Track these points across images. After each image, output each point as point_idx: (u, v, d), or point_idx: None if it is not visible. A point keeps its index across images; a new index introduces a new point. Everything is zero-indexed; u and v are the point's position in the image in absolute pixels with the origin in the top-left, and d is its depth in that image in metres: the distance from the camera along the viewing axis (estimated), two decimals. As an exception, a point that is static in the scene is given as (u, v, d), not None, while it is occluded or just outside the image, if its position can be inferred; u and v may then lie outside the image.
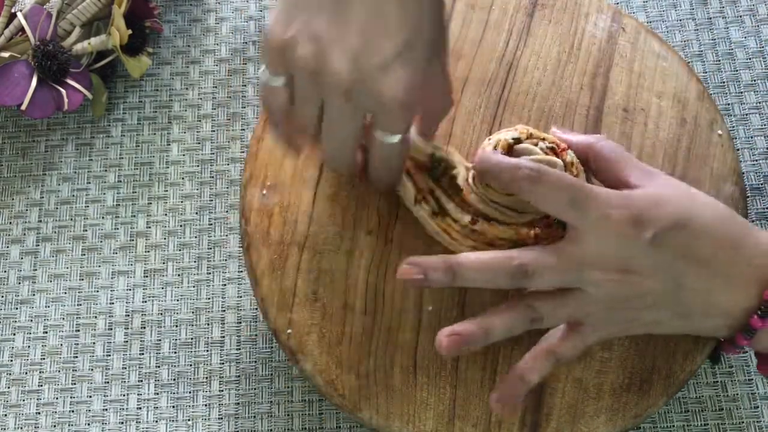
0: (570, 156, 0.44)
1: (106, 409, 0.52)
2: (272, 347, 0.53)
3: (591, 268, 0.40)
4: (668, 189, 0.42)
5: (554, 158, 0.44)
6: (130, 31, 0.57)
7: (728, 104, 0.60)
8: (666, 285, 0.40)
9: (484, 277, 0.40)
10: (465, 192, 0.44)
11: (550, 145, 0.45)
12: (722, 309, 0.41)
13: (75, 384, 0.53)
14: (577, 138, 0.46)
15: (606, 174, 0.44)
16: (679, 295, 0.41)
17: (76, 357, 0.53)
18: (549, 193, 0.40)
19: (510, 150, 0.45)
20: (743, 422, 0.51)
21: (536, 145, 0.45)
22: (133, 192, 0.58)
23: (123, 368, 0.53)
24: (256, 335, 0.54)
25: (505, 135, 0.45)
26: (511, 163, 0.41)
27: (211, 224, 0.57)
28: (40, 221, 0.57)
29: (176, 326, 0.54)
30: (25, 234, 0.57)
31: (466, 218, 0.44)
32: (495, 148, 0.44)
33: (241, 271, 0.55)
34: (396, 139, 0.41)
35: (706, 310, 0.41)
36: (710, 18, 0.63)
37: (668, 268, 0.40)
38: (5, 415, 0.52)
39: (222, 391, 0.52)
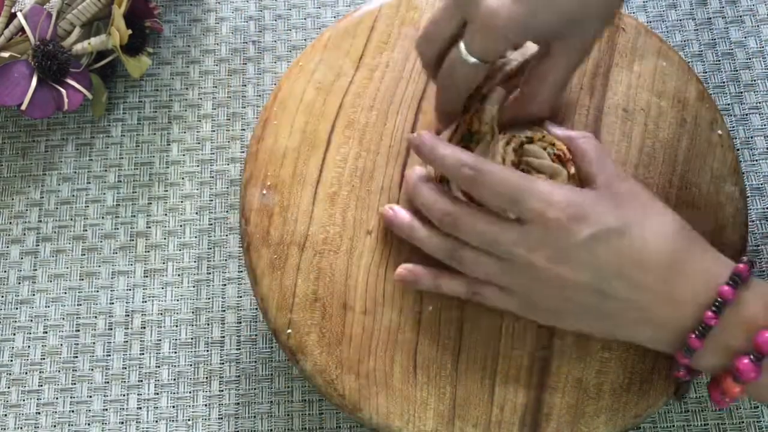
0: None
1: (106, 409, 0.52)
2: (272, 347, 0.53)
3: (520, 247, 0.40)
4: (625, 196, 0.42)
5: (559, 167, 0.44)
6: (130, 31, 0.57)
7: (728, 104, 0.60)
8: (591, 281, 0.40)
9: (424, 207, 0.43)
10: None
11: (558, 152, 0.45)
12: (655, 323, 0.41)
13: (75, 384, 0.53)
14: (563, 132, 0.46)
15: (580, 170, 0.44)
16: (602, 299, 0.40)
17: (76, 357, 0.53)
18: (489, 192, 0.40)
19: (521, 148, 0.45)
20: (743, 422, 0.51)
21: (545, 149, 0.45)
22: (133, 192, 0.58)
23: (123, 368, 0.53)
24: (256, 335, 0.54)
25: (519, 133, 0.45)
26: (454, 159, 0.41)
27: (211, 224, 0.57)
28: (40, 221, 0.57)
29: (176, 326, 0.54)
30: (25, 234, 0.57)
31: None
32: (507, 143, 0.45)
33: (241, 271, 0.55)
34: (470, 60, 0.40)
35: (636, 320, 0.41)
36: (710, 18, 0.63)
37: (596, 270, 0.40)
38: (5, 415, 0.52)
39: (222, 391, 0.52)
